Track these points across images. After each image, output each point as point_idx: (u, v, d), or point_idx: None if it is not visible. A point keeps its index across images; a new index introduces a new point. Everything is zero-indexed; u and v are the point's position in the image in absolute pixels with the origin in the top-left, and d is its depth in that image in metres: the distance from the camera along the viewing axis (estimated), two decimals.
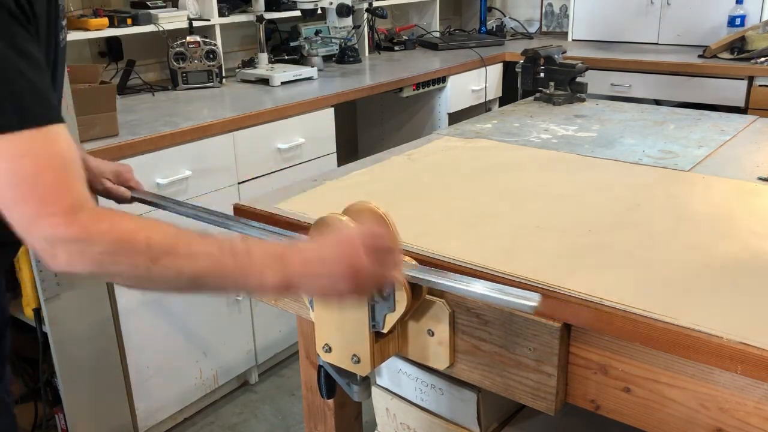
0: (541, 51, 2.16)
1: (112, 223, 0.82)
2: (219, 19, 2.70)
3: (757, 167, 1.46)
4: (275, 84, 2.65)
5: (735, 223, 1.16)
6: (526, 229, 1.15)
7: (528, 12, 4.11)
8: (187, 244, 0.84)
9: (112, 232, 0.82)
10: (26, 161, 0.79)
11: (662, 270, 0.99)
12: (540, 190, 1.35)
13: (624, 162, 1.51)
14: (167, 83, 2.64)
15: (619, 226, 1.16)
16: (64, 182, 0.82)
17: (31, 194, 0.80)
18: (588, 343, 0.91)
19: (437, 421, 1.28)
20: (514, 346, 0.94)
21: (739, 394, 0.80)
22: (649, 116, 1.94)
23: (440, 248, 1.06)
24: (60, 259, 0.81)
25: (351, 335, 1.02)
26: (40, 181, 0.80)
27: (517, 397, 0.98)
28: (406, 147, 1.67)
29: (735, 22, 3.17)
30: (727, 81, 2.90)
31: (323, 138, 2.51)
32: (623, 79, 3.14)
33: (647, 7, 3.41)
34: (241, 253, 0.85)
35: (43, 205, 0.80)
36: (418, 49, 3.64)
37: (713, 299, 0.91)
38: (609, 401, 0.91)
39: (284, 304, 1.23)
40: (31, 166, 0.80)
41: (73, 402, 1.92)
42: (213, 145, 2.12)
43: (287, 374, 2.57)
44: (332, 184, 1.40)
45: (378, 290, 0.94)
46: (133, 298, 2.01)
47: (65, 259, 0.81)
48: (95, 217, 0.82)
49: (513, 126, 1.85)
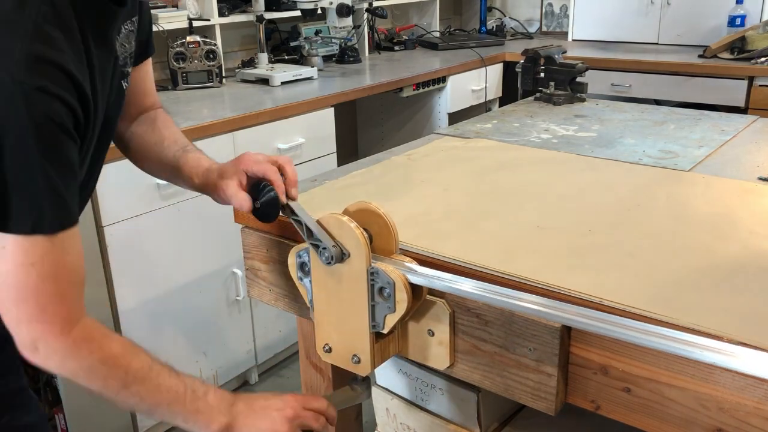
0: (541, 51, 2.16)
1: (100, 343, 0.87)
2: (219, 19, 2.70)
3: (757, 167, 1.46)
4: (275, 84, 2.65)
5: (735, 223, 1.16)
6: (526, 229, 1.15)
7: (528, 12, 4.11)
8: (158, 376, 0.90)
9: (97, 353, 0.86)
10: (33, 269, 0.81)
11: (662, 270, 0.99)
12: (540, 190, 1.35)
13: (624, 162, 1.51)
14: (167, 83, 2.64)
15: (619, 226, 1.16)
16: (65, 295, 0.84)
17: (32, 299, 0.82)
18: (588, 343, 0.91)
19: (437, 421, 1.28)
20: (514, 346, 0.94)
21: (739, 394, 0.80)
22: (649, 116, 1.94)
23: (440, 248, 1.06)
24: (38, 358, 0.85)
25: (351, 336, 1.02)
26: (42, 290, 0.82)
27: (517, 397, 0.98)
28: (406, 147, 1.67)
29: (735, 22, 3.17)
30: (727, 81, 2.90)
31: (323, 138, 2.51)
32: (623, 79, 3.14)
33: (647, 7, 3.41)
34: (199, 391, 0.93)
35: (41, 312, 0.83)
36: (418, 49, 3.64)
37: (713, 299, 0.91)
38: (609, 401, 0.91)
39: (284, 304, 1.23)
40: (37, 275, 0.81)
41: (73, 402, 1.92)
42: (213, 145, 2.12)
43: (287, 374, 2.57)
44: (332, 184, 1.40)
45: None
46: (133, 298, 2.01)
47: (43, 360, 0.85)
48: (86, 335, 0.86)
49: (513, 126, 1.85)
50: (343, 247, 0.97)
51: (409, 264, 0.97)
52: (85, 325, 0.87)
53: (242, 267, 1.34)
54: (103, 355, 0.87)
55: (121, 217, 1.92)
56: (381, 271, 0.95)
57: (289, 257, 1.07)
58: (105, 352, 0.87)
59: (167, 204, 2.03)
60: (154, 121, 1.18)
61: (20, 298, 0.82)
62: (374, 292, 0.97)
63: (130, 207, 1.95)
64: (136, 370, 0.88)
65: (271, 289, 1.25)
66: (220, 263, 2.25)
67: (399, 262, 0.97)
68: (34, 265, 0.81)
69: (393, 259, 0.98)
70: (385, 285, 0.95)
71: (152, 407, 0.91)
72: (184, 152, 1.14)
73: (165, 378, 0.90)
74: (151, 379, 0.89)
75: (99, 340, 0.87)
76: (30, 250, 0.81)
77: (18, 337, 0.84)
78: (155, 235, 2.04)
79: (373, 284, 0.96)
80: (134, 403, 0.90)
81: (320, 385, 1.37)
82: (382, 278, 0.95)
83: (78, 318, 0.86)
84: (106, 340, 0.88)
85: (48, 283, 0.82)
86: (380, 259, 0.97)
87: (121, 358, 0.88)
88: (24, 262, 0.80)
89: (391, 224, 0.97)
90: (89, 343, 0.86)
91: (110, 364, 0.87)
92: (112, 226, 1.91)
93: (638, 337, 0.79)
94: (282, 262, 1.21)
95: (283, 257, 1.19)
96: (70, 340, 0.84)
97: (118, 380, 0.87)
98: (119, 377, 0.87)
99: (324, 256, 0.97)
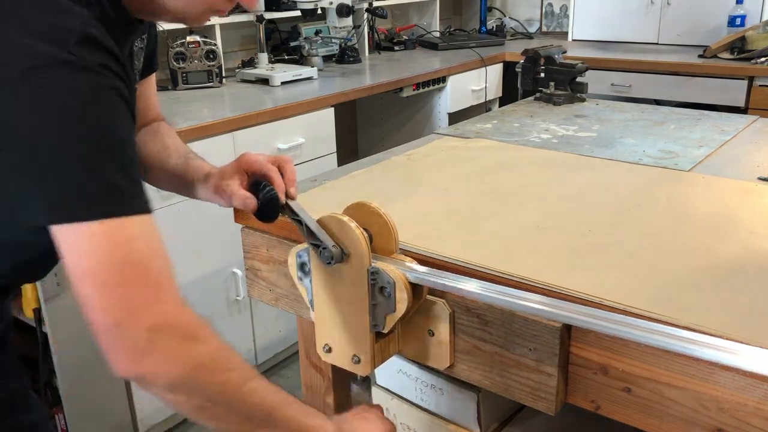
0: (541, 51, 2.16)
1: (218, 341, 0.80)
2: (219, 19, 2.70)
3: (757, 167, 1.46)
4: (275, 84, 2.65)
5: (735, 223, 1.16)
6: (526, 229, 1.15)
7: (528, 12, 4.11)
8: (281, 411, 0.83)
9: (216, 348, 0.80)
10: (138, 243, 0.72)
11: (662, 270, 0.99)
12: (540, 190, 1.35)
13: (624, 162, 1.51)
14: (167, 83, 2.64)
15: (619, 226, 1.16)
16: (171, 271, 0.75)
17: (144, 277, 0.72)
18: (588, 343, 0.91)
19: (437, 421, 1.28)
20: (514, 346, 0.94)
21: (739, 394, 0.80)
22: (649, 116, 1.94)
23: (440, 248, 1.06)
24: (158, 354, 0.72)
25: (351, 336, 1.02)
26: (153, 265, 0.73)
27: (517, 397, 0.98)
28: (406, 147, 1.67)
29: (735, 22, 3.17)
30: (727, 81, 2.90)
31: (323, 138, 2.51)
32: (623, 79, 3.14)
33: (647, 7, 3.41)
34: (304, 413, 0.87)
35: (158, 290, 0.73)
36: (418, 49, 3.64)
37: (713, 299, 0.91)
38: (609, 401, 0.91)
39: (284, 304, 1.23)
40: (144, 249, 0.72)
41: (73, 402, 1.92)
42: (213, 145, 2.12)
43: (287, 374, 2.57)
44: (332, 184, 1.40)
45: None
46: None
47: (159, 355, 0.73)
48: (201, 322, 0.78)
49: (513, 126, 1.85)
50: (343, 247, 0.97)
51: (410, 264, 0.97)
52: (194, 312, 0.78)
53: (242, 267, 1.34)
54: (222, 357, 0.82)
55: None
56: (381, 271, 0.95)
57: (289, 257, 1.07)
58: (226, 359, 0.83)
59: (167, 204, 2.03)
60: (157, 132, 1.19)
61: (126, 279, 0.71)
62: (374, 291, 0.97)
63: None
64: (261, 403, 0.82)
65: (271, 289, 1.25)
66: (220, 263, 2.25)
67: (399, 261, 0.97)
68: (137, 239, 0.72)
69: (393, 258, 0.98)
70: (385, 284, 0.95)
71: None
72: (187, 160, 1.14)
73: (290, 412, 0.84)
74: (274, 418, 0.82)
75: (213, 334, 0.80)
76: (128, 227, 0.71)
77: (128, 335, 0.71)
78: None
79: (373, 284, 0.96)
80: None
81: (320, 385, 1.37)
82: (383, 278, 0.95)
83: (185, 301, 0.77)
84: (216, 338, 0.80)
85: (156, 258, 0.73)
86: (380, 259, 0.97)
87: (248, 382, 0.82)
88: (121, 238, 0.71)
89: (391, 224, 0.97)
90: (206, 330, 0.79)
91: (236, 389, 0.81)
92: None
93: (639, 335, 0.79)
94: (282, 262, 1.21)
95: (283, 257, 1.19)
96: (190, 321, 0.76)
97: (246, 423, 0.81)
98: (248, 417, 0.81)
99: (324, 256, 0.97)
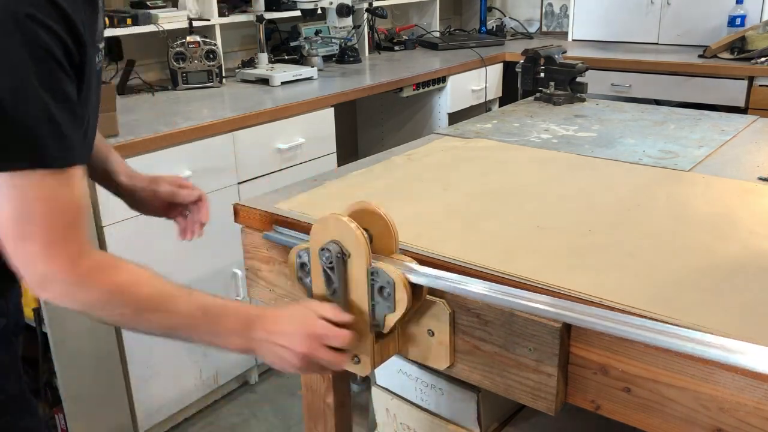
0: (541, 51, 2.16)
1: (109, 274, 0.87)
2: (219, 19, 2.70)
3: (757, 167, 1.46)
4: (275, 84, 2.65)
5: (735, 223, 1.16)
6: (526, 229, 1.15)
7: (528, 12, 4.11)
8: (170, 302, 0.90)
9: (108, 283, 0.86)
10: (38, 203, 0.80)
11: (662, 270, 0.99)
12: (540, 190, 1.35)
13: (624, 162, 1.51)
14: (167, 83, 2.64)
15: (619, 226, 1.16)
16: (73, 228, 0.83)
17: (39, 235, 0.81)
18: (588, 343, 0.91)
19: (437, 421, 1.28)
20: (514, 346, 0.94)
21: (739, 394, 0.80)
22: (649, 116, 1.94)
23: (440, 248, 1.06)
24: (50, 293, 0.84)
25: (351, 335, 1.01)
26: (50, 224, 0.81)
27: (517, 397, 0.98)
28: (406, 147, 1.67)
29: (735, 22, 3.17)
30: (727, 81, 2.90)
31: (323, 138, 2.51)
32: (623, 79, 3.14)
33: (647, 7, 3.41)
34: (215, 315, 0.92)
35: (49, 246, 0.82)
36: (418, 49, 3.64)
37: (713, 299, 0.91)
38: (609, 401, 0.91)
39: (284, 304, 1.23)
40: (44, 208, 0.80)
41: (73, 402, 1.92)
42: (213, 145, 2.12)
43: (287, 374, 2.57)
44: (332, 184, 1.40)
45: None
46: None
47: (55, 296, 0.85)
48: (96, 266, 0.86)
49: (513, 126, 1.85)
50: (344, 247, 0.97)
51: (409, 264, 0.97)
52: (93, 257, 0.86)
53: (242, 267, 1.34)
54: (113, 285, 0.86)
55: (121, 217, 1.92)
56: (381, 271, 0.95)
57: (289, 257, 1.07)
58: (114, 282, 0.86)
59: None
60: None
61: (26, 233, 0.80)
62: (374, 291, 0.97)
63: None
64: (147, 297, 0.88)
65: (271, 289, 1.25)
66: (220, 263, 2.25)
67: (399, 261, 0.97)
68: (39, 200, 0.80)
69: (393, 258, 0.98)
70: (385, 284, 0.95)
71: (168, 332, 0.91)
72: (109, 152, 1.22)
73: (179, 304, 0.90)
74: (163, 306, 0.89)
75: (108, 270, 0.87)
76: (35, 184, 0.79)
77: (27, 276, 0.83)
78: (155, 235, 2.03)
79: (373, 284, 0.96)
80: (151, 330, 0.91)
81: (320, 385, 1.37)
82: (382, 278, 0.95)
83: (87, 251, 0.85)
84: (114, 270, 0.87)
85: (55, 217, 0.81)
86: (380, 259, 0.97)
87: (132, 287, 0.87)
88: (27, 195, 0.79)
89: (391, 224, 0.97)
90: (98, 274, 0.85)
91: (121, 291, 0.86)
92: (112, 226, 1.91)
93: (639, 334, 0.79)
94: (282, 262, 1.21)
95: (283, 257, 1.20)
96: (79, 272, 0.83)
97: (130, 308, 0.87)
98: (130, 305, 0.87)
99: (324, 256, 0.97)
